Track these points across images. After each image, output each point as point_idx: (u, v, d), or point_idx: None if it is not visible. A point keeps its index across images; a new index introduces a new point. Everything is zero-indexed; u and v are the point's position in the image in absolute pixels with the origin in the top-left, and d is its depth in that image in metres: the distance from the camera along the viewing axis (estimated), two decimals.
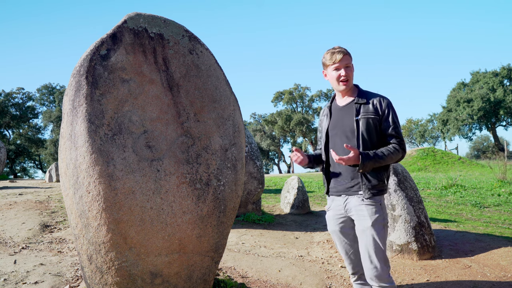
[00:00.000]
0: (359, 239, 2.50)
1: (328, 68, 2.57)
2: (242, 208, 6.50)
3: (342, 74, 2.53)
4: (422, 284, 3.72)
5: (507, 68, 34.09)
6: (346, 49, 2.56)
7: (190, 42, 2.79)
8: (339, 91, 2.62)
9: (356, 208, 2.49)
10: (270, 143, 39.86)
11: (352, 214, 2.53)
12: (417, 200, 4.68)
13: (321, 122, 2.77)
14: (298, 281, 3.70)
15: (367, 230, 2.43)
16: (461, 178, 12.63)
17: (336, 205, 2.62)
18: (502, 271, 4.02)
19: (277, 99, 40.07)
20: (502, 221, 6.85)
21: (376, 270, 2.42)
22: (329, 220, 2.69)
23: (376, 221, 2.45)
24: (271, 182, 12.91)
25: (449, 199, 9.27)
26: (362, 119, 2.48)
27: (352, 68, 2.56)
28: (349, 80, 2.54)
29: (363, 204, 2.46)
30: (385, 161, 2.43)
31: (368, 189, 2.46)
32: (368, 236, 2.43)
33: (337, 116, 2.62)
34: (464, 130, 35.93)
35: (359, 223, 2.48)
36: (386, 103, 2.50)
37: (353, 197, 2.51)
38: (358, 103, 2.53)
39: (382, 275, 2.42)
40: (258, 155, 6.87)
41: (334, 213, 2.63)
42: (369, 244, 2.43)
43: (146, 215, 2.47)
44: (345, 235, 2.61)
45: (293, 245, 5.01)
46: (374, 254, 2.43)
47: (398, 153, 2.46)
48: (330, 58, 2.53)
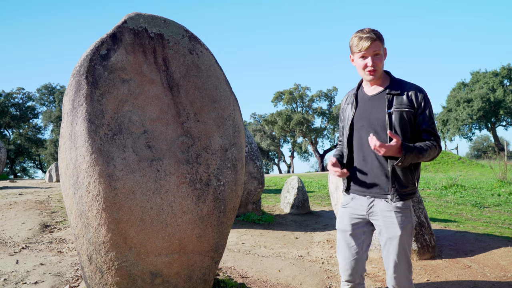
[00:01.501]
0: (384, 245, 2.30)
1: (355, 54, 2.30)
2: (242, 208, 6.50)
3: (369, 64, 2.25)
4: (422, 284, 3.72)
5: (507, 68, 34.10)
6: (378, 32, 2.26)
7: (190, 42, 2.79)
8: (367, 81, 2.37)
9: (384, 214, 2.27)
10: (270, 143, 39.86)
11: (376, 218, 2.31)
12: (417, 200, 4.69)
13: (343, 110, 2.50)
14: (298, 281, 3.70)
15: (396, 238, 2.24)
16: (461, 178, 12.63)
17: (356, 204, 2.37)
18: (502, 271, 4.02)
19: (277, 99, 40.04)
20: (502, 221, 6.85)
21: (400, 279, 2.29)
22: (343, 218, 2.42)
23: (406, 229, 2.27)
24: (271, 182, 12.90)
25: (449, 199, 9.27)
26: (395, 112, 2.24)
27: (382, 56, 2.27)
28: (377, 70, 2.27)
29: (393, 211, 2.25)
30: (424, 157, 2.21)
31: (397, 192, 2.25)
32: (396, 245, 2.25)
33: (365, 107, 2.36)
34: (464, 130, 35.94)
35: (387, 230, 2.27)
36: (423, 95, 2.27)
37: (380, 200, 2.29)
38: (390, 94, 2.29)
39: (405, 284, 2.30)
40: (258, 155, 6.87)
41: (352, 211, 2.38)
42: (397, 253, 2.26)
43: (146, 215, 2.47)
44: (355, 238, 2.37)
45: (293, 245, 5.01)
46: (401, 264, 2.27)
47: (436, 150, 2.25)
48: (356, 44, 2.25)
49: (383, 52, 2.29)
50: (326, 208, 8.07)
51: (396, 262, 2.26)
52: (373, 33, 2.23)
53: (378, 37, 2.25)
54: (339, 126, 2.58)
